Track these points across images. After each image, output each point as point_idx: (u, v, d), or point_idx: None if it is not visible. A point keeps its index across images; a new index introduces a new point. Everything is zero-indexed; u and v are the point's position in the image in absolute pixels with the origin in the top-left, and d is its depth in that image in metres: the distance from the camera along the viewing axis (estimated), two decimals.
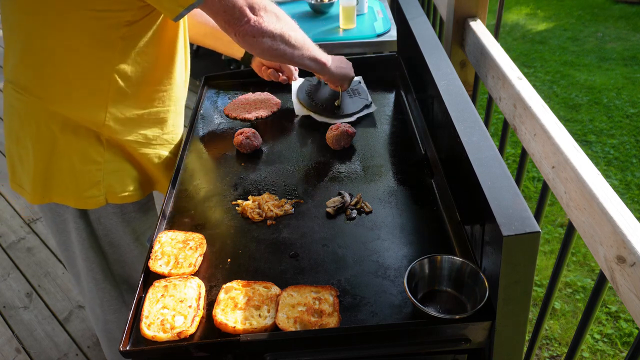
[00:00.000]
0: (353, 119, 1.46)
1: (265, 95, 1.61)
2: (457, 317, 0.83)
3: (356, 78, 1.56)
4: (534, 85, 1.37)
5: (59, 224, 1.30)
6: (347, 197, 1.16)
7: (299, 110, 1.50)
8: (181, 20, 1.20)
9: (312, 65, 1.31)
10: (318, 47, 1.32)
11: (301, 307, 0.91)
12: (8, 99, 1.18)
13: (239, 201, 1.19)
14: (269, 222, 1.13)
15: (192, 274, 0.99)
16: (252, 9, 1.10)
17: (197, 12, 1.36)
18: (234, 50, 1.55)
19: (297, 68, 1.58)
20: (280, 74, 1.54)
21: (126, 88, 1.14)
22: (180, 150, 1.36)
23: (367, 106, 1.49)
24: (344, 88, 1.47)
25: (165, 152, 1.31)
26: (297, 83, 1.58)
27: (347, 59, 1.69)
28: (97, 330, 1.55)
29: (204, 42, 1.51)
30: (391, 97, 1.60)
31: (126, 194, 1.25)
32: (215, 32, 1.44)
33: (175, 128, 1.33)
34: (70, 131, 1.15)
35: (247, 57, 1.58)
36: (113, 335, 1.50)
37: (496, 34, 1.49)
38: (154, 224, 1.38)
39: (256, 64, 1.58)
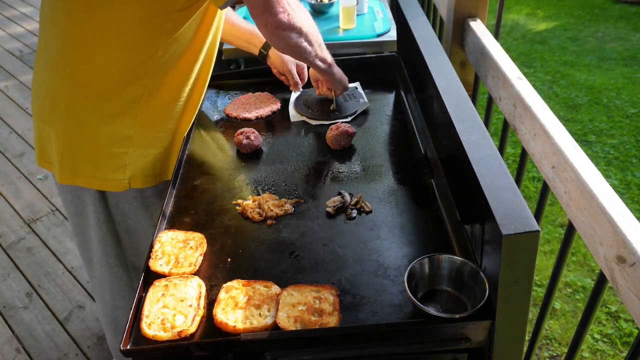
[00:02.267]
0: (349, 119, 1.47)
1: (265, 95, 1.61)
2: (457, 316, 0.83)
3: (352, 85, 1.59)
4: (534, 85, 1.37)
5: (78, 207, 1.34)
6: (347, 197, 1.17)
7: (294, 116, 1.51)
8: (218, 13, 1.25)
9: (320, 65, 1.33)
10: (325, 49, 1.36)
11: (301, 306, 0.91)
12: (41, 81, 1.22)
13: (239, 201, 1.19)
14: (269, 221, 1.13)
15: (192, 274, 0.99)
16: (286, 3, 1.13)
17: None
18: (251, 45, 1.59)
19: (304, 79, 1.62)
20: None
21: (164, 64, 1.19)
22: (181, 150, 1.36)
23: (363, 104, 1.52)
24: (337, 93, 1.49)
25: (180, 134, 1.36)
26: (295, 94, 1.60)
27: (347, 59, 1.70)
28: (103, 321, 1.57)
29: (224, 39, 1.58)
30: (391, 97, 1.60)
31: (149, 178, 1.30)
32: (235, 31, 1.55)
33: (192, 114, 1.38)
34: (103, 115, 1.19)
35: (263, 54, 1.59)
36: (119, 323, 1.52)
37: (496, 34, 1.49)
38: None
39: (269, 62, 1.60)
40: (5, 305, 2.30)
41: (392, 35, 1.96)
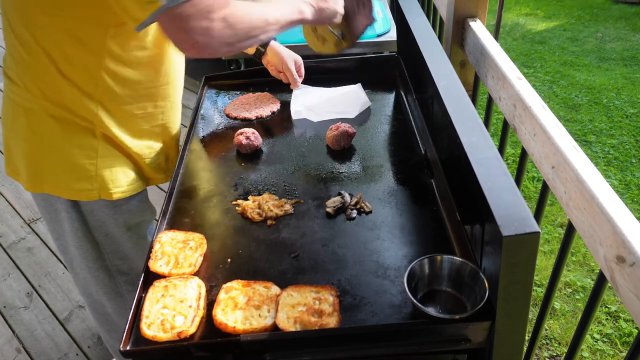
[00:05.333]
0: (369, 33, 1.35)
1: (265, 95, 1.61)
2: (457, 317, 0.83)
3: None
4: (533, 86, 1.37)
5: (51, 213, 1.31)
6: (347, 197, 1.17)
7: (296, 113, 1.49)
8: None
9: (291, 27, 1.17)
10: (286, 2, 1.16)
11: (301, 307, 0.91)
12: (5, 91, 1.20)
13: (239, 201, 1.19)
14: (269, 222, 1.13)
15: (192, 274, 0.99)
16: (202, 30, 0.96)
17: None
18: None
19: (301, 75, 1.59)
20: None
21: (115, 86, 1.14)
22: (180, 150, 1.36)
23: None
24: (334, 24, 1.29)
25: (157, 144, 1.31)
26: (296, 92, 1.58)
27: (347, 59, 1.69)
28: (95, 321, 1.56)
29: None
30: (391, 97, 1.60)
31: (120, 189, 1.25)
32: None
33: (170, 123, 1.33)
34: (64, 125, 1.16)
35: (260, 52, 1.58)
36: (111, 320, 1.51)
37: (496, 34, 1.49)
38: (148, 215, 1.38)
39: (265, 61, 1.59)
40: (5, 305, 2.30)
41: (392, 35, 1.96)
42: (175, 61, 1.27)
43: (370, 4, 1.38)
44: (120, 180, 1.25)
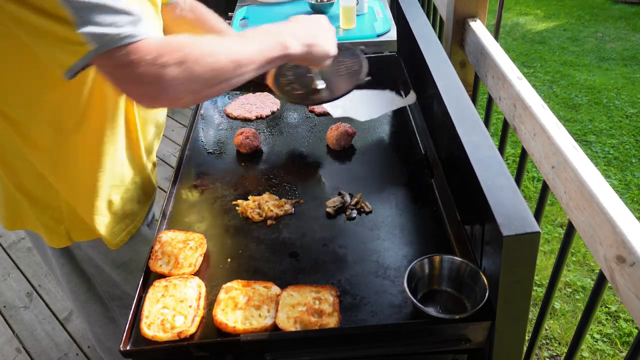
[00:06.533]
0: (340, 100, 1.17)
1: (266, 95, 1.61)
2: (457, 317, 0.83)
3: (344, 47, 1.20)
4: (533, 85, 1.37)
5: (39, 248, 1.26)
6: (347, 197, 1.17)
7: (336, 110, 1.27)
8: None
9: (273, 66, 0.99)
10: (264, 32, 0.97)
11: (301, 307, 0.91)
12: None
13: (239, 201, 1.19)
14: (269, 222, 1.13)
15: (192, 274, 0.99)
16: (147, 77, 0.79)
17: (187, 8, 1.28)
18: None
19: None
20: None
21: (53, 147, 1.01)
22: (180, 150, 1.36)
23: (359, 80, 1.16)
24: (320, 66, 1.12)
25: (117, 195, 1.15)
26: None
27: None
28: (90, 336, 1.53)
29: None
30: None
31: (88, 233, 1.14)
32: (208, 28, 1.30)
33: (117, 175, 1.13)
34: (25, 170, 1.06)
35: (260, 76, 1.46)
36: (105, 344, 1.46)
37: (496, 34, 1.49)
38: (138, 250, 1.24)
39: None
40: (5, 305, 2.30)
41: (392, 35, 1.96)
42: (124, 132, 1.11)
43: (362, 67, 1.21)
44: (91, 229, 1.13)
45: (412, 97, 1.30)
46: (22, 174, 1.07)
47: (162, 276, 0.99)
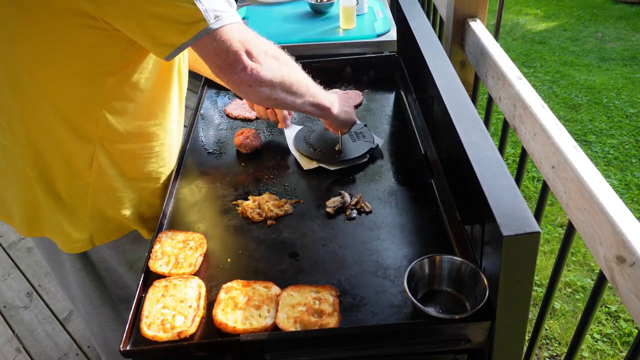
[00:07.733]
0: (358, 162, 1.29)
1: None
2: (457, 317, 0.83)
3: (359, 122, 1.39)
4: (533, 85, 1.37)
5: (52, 255, 1.27)
6: (347, 197, 1.17)
7: (306, 164, 1.31)
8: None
9: (314, 111, 1.18)
10: (321, 89, 1.19)
11: (301, 307, 0.91)
12: None
13: (239, 201, 1.19)
14: (269, 222, 1.13)
15: (192, 274, 0.99)
16: (249, 54, 0.97)
17: None
18: None
19: (292, 113, 1.43)
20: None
21: (116, 124, 1.06)
22: (181, 150, 1.36)
23: (372, 149, 1.32)
24: (343, 132, 1.32)
25: (157, 185, 1.22)
26: (292, 131, 1.41)
27: (347, 59, 1.69)
28: (96, 345, 1.52)
29: (192, 67, 1.40)
30: (391, 97, 1.60)
31: (112, 233, 1.18)
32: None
33: (167, 162, 1.23)
34: (50, 174, 1.08)
35: None
36: (113, 350, 1.46)
37: (496, 34, 1.49)
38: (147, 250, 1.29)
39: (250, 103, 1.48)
40: (5, 305, 2.30)
41: (392, 35, 1.96)
42: (178, 96, 1.19)
43: (372, 136, 1.35)
44: (112, 226, 1.17)
45: (379, 141, 1.36)
46: (57, 174, 1.09)
47: (162, 276, 0.99)
